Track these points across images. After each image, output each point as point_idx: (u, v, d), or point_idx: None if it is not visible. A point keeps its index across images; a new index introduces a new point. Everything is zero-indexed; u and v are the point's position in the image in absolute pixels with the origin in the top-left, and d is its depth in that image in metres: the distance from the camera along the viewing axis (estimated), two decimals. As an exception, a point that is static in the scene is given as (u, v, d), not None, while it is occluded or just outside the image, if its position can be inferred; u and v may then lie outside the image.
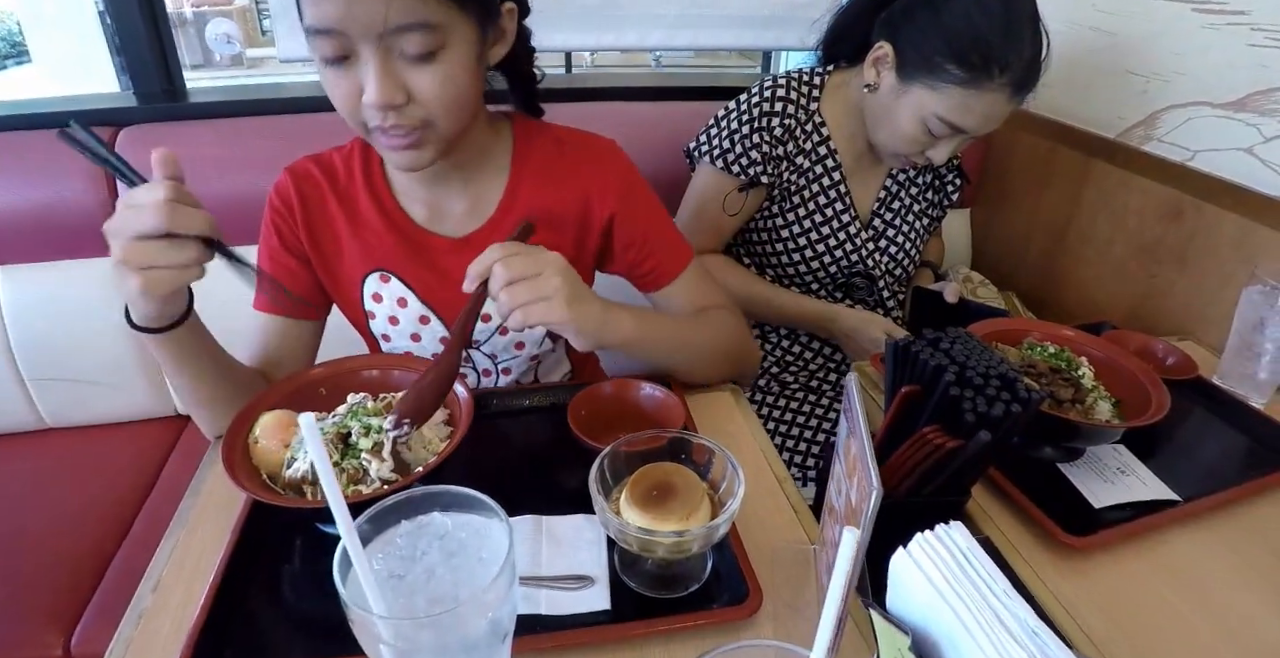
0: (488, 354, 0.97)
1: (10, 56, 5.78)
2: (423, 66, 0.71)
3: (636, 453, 0.68)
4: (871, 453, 0.54)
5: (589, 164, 0.90)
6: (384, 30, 0.67)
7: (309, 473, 0.64)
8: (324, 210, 0.90)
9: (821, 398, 1.27)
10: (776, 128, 1.19)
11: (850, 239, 1.26)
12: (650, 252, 0.92)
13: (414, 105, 0.72)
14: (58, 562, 1.18)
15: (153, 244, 0.60)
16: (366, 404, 0.71)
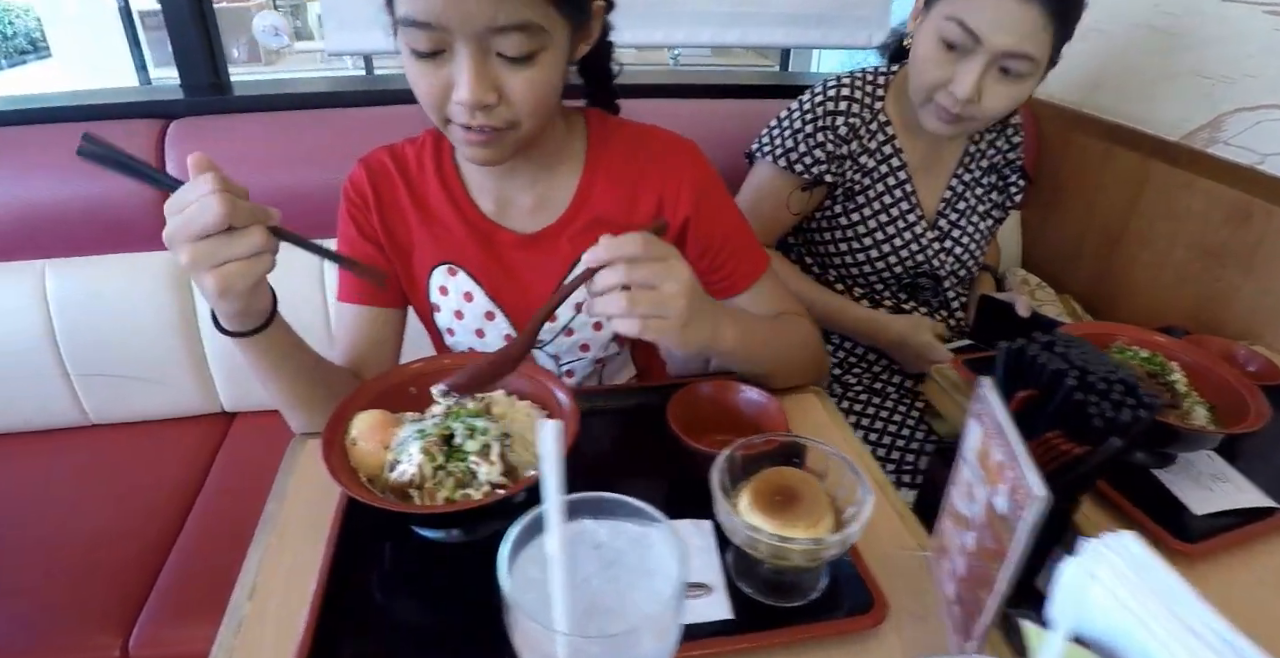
0: (551, 355, 0.96)
1: (30, 52, 5.79)
2: (519, 68, 0.69)
3: (751, 457, 0.65)
4: (1029, 459, 0.51)
5: (665, 165, 0.88)
6: (486, 29, 0.66)
7: (417, 477, 0.62)
8: (396, 202, 0.89)
9: (885, 400, 1.25)
10: (841, 127, 1.18)
11: (916, 239, 1.24)
12: (725, 258, 0.90)
13: (503, 106, 0.71)
14: (110, 561, 1.16)
15: (216, 240, 0.57)
16: (467, 404, 0.69)
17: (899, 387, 1.27)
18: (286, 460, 0.81)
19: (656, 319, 0.64)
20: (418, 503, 0.62)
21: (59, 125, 1.33)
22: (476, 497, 0.62)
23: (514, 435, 0.67)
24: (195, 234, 0.57)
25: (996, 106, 1.06)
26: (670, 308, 0.64)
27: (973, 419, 0.61)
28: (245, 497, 1.29)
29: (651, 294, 0.64)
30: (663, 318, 0.65)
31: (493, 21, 0.65)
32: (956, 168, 1.28)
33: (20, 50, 6.14)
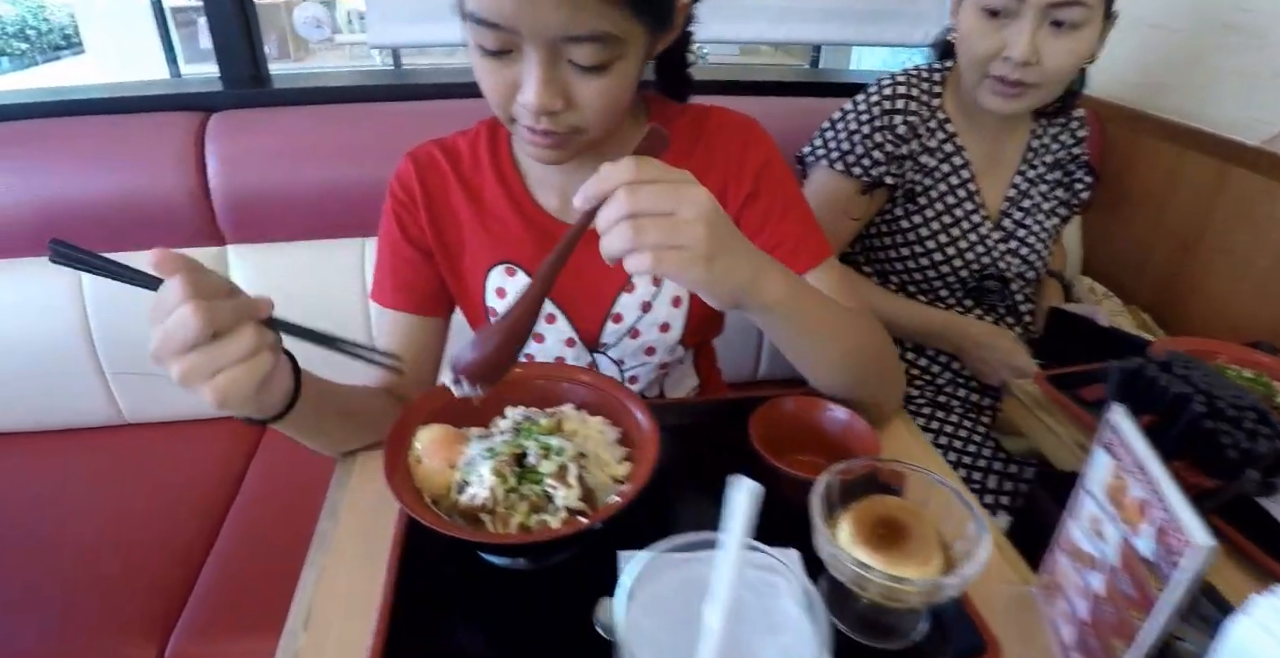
0: (614, 359, 0.91)
1: (64, 47, 5.84)
2: (590, 76, 0.65)
3: (846, 483, 0.60)
4: (1184, 501, 0.46)
5: (727, 144, 0.83)
6: (559, 37, 0.62)
7: (489, 501, 0.57)
8: (448, 199, 0.84)
9: (950, 414, 1.19)
10: (900, 126, 1.13)
11: (981, 241, 1.18)
12: (782, 239, 0.83)
13: (571, 112, 0.67)
14: (145, 567, 1.13)
15: (203, 350, 0.50)
16: (539, 420, 0.64)
17: (964, 401, 1.21)
18: (339, 474, 0.77)
19: (671, 251, 0.53)
20: (489, 528, 0.57)
21: (97, 117, 1.30)
22: (554, 523, 0.57)
23: (589, 455, 0.62)
24: (178, 349, 0.50)
25: (1061, 65, 1.02)
26: (686, 235, 0.53)
27: (1101, 449, 0.56)
28: (284, 501, 1.29)
29: (662, 221, 0.53)
30: (679, 248, 0.53)
31: (565, 31, 0.61)
32: (1020, 164, 1.22)
33: (55, 46, 6.20)
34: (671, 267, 0.53)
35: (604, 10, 0.60)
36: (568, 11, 0.59)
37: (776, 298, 0.62)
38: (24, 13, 6.15)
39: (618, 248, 0.53)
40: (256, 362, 0.52)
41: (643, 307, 0.86)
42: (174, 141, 1.25)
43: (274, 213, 1.29)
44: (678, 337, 0.88)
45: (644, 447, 0.62)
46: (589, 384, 0.70)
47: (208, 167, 1.25)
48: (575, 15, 0.60)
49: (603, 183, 0.53)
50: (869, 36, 1.65)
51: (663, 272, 0.54)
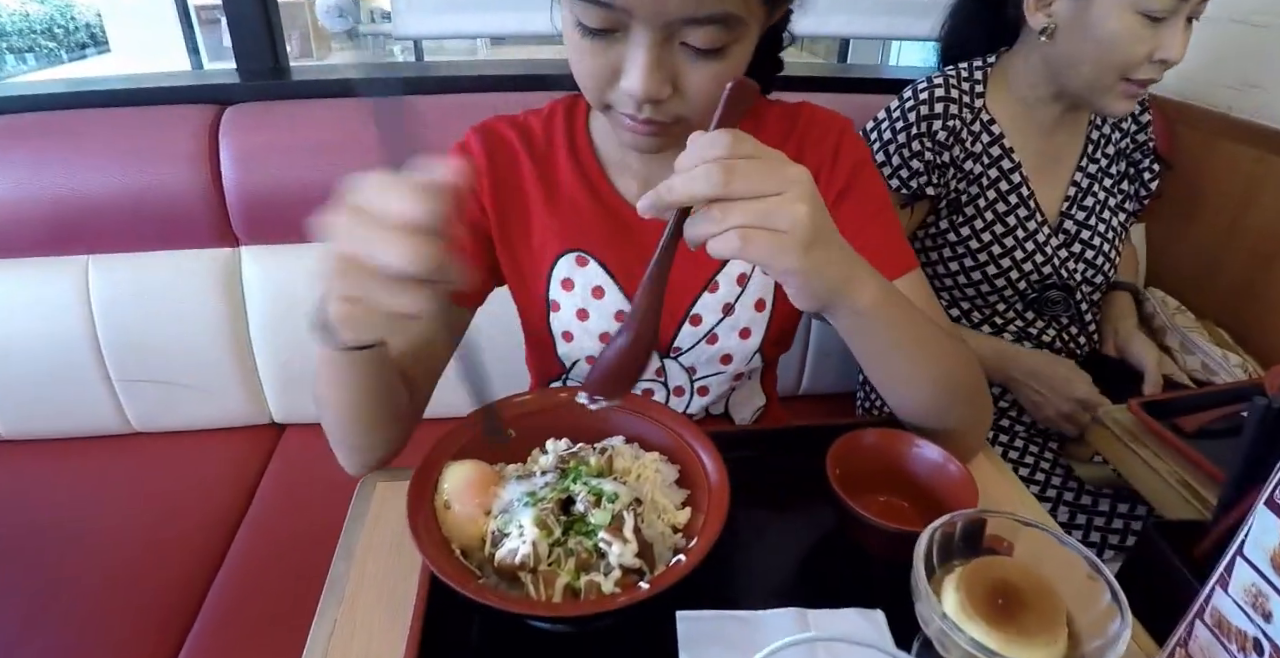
0: (686, 367, 0.82)
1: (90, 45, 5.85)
2: (705, 61, 0.58)
3: (947, 536, 0.51)
4: None
5: (821, 139, 0.76)
6: (679, 19, 0.54)
7: (531, 558, 0.48)
8: (517, 177, 0.77)
9: (1014, 439, 1.09)
10: (939, 132, 1.03)
11: (1040, 248, 1.09)
12: (864, 243, 0.74)
13: (676, 100, 0.60)
14: (152, 584, 1.06)
15: (384, 279, 0.41)
16: (588, 460, 0.55)
17: (1029, 426, 1.11)
18: (355, 507, 0.68)
19: (764, 232, 0.46)
20: (530, 590, 0.49)
21: (108, 110, 1.23)
22: (608, 586, 0.48)
23: (644, 501, 0.54)
24: (357, 252, 0.41)
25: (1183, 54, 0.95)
26: (786, 217, 0.46)
27: (1267, 509, 0.46)
28: (295, 518, 1.21)
29: (761, 204, 0.46)
30: (778, 232, 0.46)
31: (689, 12, 0.53)
32: (1080, 160, 1.12)
33: (81, 44, 6.22)
34: (763, 250, 0.46)
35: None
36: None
37: (871, 302, 0.55)
38: (52, 11, 6.17)
39: (704, 230, 0.47)
40: (408, 323, 0.43)
41: (724, 309, 0.78)
42: (186, 136, 1.17)
43: (291, 212, 1.21)
44: (757, 344, 0.80)
45: (713, 498, 0.53)
46: (646, 415, 0.61)
47: (221, 163, 1.18)
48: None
49: (693, 155, 0.46)
50: (899, 30, 1.56)
51: (752, 255, 0.46)
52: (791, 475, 0.68)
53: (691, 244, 0.47)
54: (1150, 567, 0.63)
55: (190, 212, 1.20)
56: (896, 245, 0.75)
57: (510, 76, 1.32)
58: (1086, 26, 0.94)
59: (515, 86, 1.29)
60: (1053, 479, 1.05)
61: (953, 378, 0.66)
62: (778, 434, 0.76)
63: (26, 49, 5.42)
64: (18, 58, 5.23)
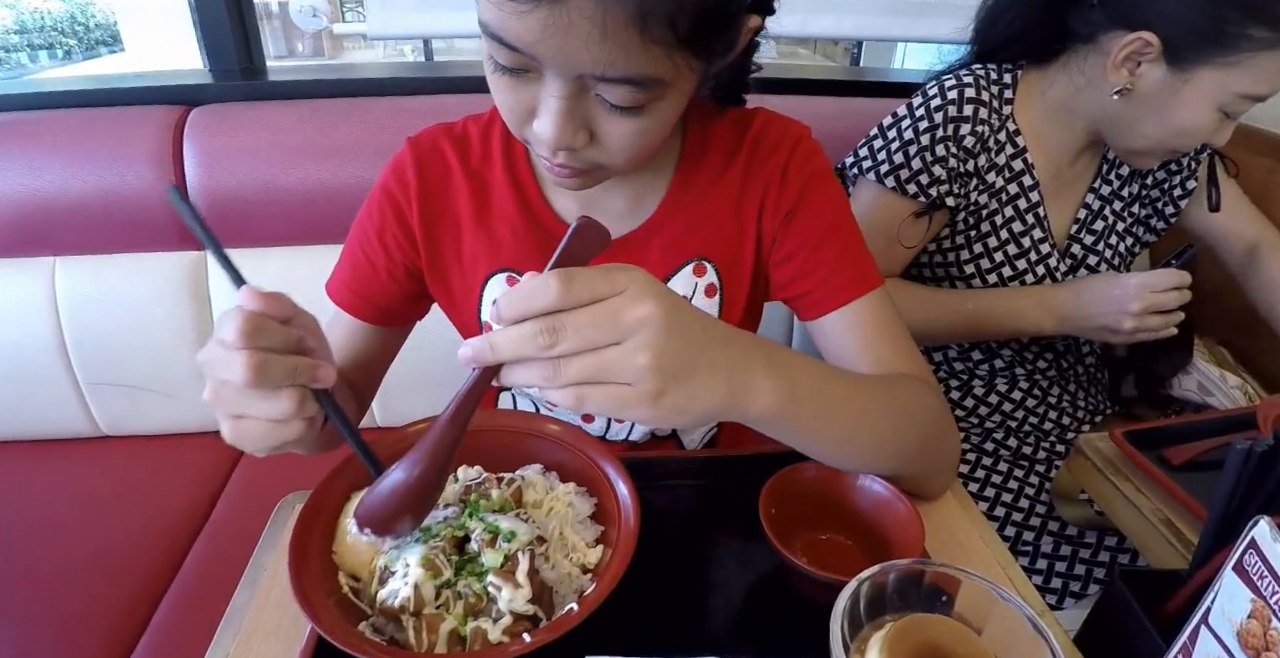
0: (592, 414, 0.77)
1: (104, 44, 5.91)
2: (621, 116, 0.53)
3: (882, 589, 0.47)
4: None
5: (772, 152, 0.70)
6: (589, 74, 0.50)
7: (412, 601, 0.44)
8: (448, 193, 0.72)
9: (998, 463, 1.04)
10: (967, 137, 0.95)
11: (1050, 273, 1.02)
12: (821, 261, 0.69)
13: (593, 148, 0.56)
14: (107, 591, 1.04)
15: (239, 390, 0.46)
16: (490, 493, 0.51)
17: (1014, 451, 1.05)
18: (269, 532, 0.65)
19: (603, 387, 0.42)
20: (410, 636, 0.45)
21: (77, 111, 1.21)
22: (494, 634, 0.44)
23: (549, 539, 0.49)
24: (218, 378, 0.46)
25: None
26: (623, 370, 0.41)
27: (1234, 575, 0.41)
28: (256, 524, 1.16)
29: (596, 358, 0.41)
30: (618, 385, 0.42)
31: (596, 69, 0.49)
32: (1094, 181, 1.05)
33: (97, 42, 6.28)
34: (605, 405, 0.42)
35: (651, 51, 0.48)
36: (604, 51, 0.47)
37: (768, 410, 0.48)
38: (73, 9, 6.24)
39: (534, 382, 0.42)
40: (284, 428, 0.48)
41: None
42: (150, 138, 1.14)
43: (257, 216, 1.19)
44: None
45: (621, 534, 0.49)
46: (560, 440, 0.57)
47: (185, 165, 1.15)
48: (611, 55, 0.47)
49: (515, 306, 0.41)
50: (917, 32, 1.50)
51: (594, 410, 0.43)
52: (729, 508, 0.63)
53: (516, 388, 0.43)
54: (1114, 621, 0.58)
55: (155, 214, 1.17)
56: (854, 264, 0.69)
57: (477, 78, 1.28)
58: (1166, 105, 0.89)
59: (483, 88, 1.26)
60: (1037, 507, 1.00)
61: (903, 442, 0.60)
62: (719, 462, 0.71)
63: (44, 46, 5.48)
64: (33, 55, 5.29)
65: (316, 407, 0.48)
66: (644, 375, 0.41)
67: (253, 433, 0.48)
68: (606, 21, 0.45)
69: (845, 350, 0.68)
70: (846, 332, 0.68)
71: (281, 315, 0.48)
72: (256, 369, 0.44)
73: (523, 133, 0.58)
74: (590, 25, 0.46)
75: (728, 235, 0.72)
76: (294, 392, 0.46)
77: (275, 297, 0.47)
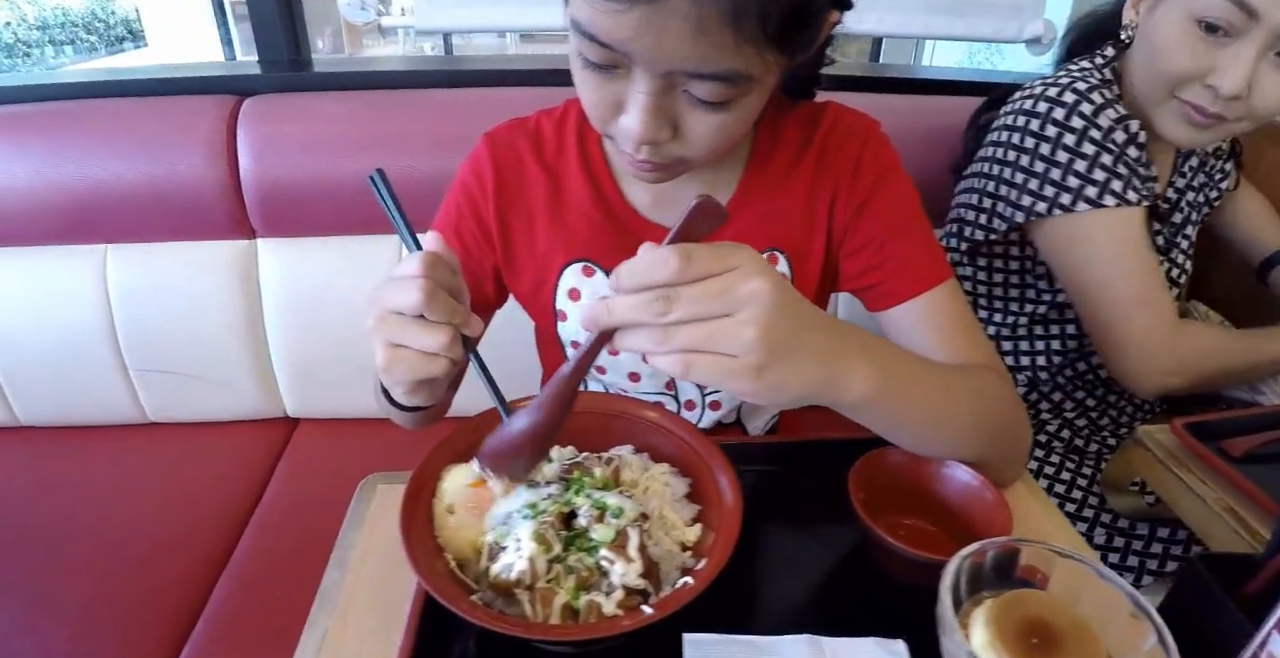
0: (695, 382, 0.79)
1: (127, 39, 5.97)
2: (707, 111, 0.55)
3: (977, 565, 0.48)
4: None
5: (843, 145, 0.72)
6: (679, 71, 0.51)
7: (527, 574, 0.45)
8: (523, 187, 0.74)
9: (1050, 455, 1.04)
10: (1140, 134, 0.89)
11: (1167, 271, 0.99)
12: (890, 253, 0.71)
13: (677, 143, 0.58)
14: (160, 577, 1.06)
15: (403, 320, 0.50)
16: (594, 471, 0.52)
17: (1067, 443, 1.05)
18: (353, 511, 0.66)
19: (709, 357, 0.43)
20: (527, 609, 0.46)
21: (129, 100, 1.22)
22: (609, 607, 0.45)
23: (651, 516, 0.51)
24: (388, 307, 0.50)
25: (1272, 104, 0.82)
26: (730, 340, 0.42)
27: None
28: (305, 513, 1.18)
29: (708, 328, 0.42)
30: (720, 355, 0.43)
31: (690, 67, 0.50)
32: (1171, 174, 1.02)
33: (119, 38, 6.34)
34: (709, 375, 0.43)
35: (741, 48, 0.49)
36: (697, 48, 0.49)
37: (861, 396, 0.50)
38: (93, 5, 6.31)
39: (642, 346, 0.44)
40: (433, 362, 0.51)
41: None
42: (204, 126, 1.16)
43: (308, 206, 1.20)
44: None
45: (725, 517, 0.50)
46: (656, 424, 0.58)
47: (239, 154, 1.17)
48: (704, 53, 0.49)
49: (635, 275, 0.43)
50: (958, 31, 1.50)
51: (697, 379, 0.44)
52: (809, 492, 0.64)
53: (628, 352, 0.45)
54: (1194, 603, 0.58)
55: (207, 203, 1.19)
56: (924, 257, 0.71)
57: (540, 71, 1.30)
58: (1150, 29, 0.86)
59: (545, 81, 1.27)
60: (1089, 500, 1.00)
61: (979, 430, 0.61)
62: (796, 447, 0.73)
63: (67, 41, 5.53)
64: (57, 49, 5.33)
65: (462, 351, 0.51)
66: (750, 348, 0.42)
67: (405, 361, 0.51)
68: (702, 19, 0.47)
69: (918, 342, 0.69)
70: (919, 323, 0.69)
71: (452, 266, 0.51)
72: (430, 294, 0.47)
73: (607, 128, 0.59)
74: (685, 23, 0.47)
75: (799, 227, 0.73)
76: (450, 328, 0.49)
77: (449, 251, 0.51)
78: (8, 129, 1.18)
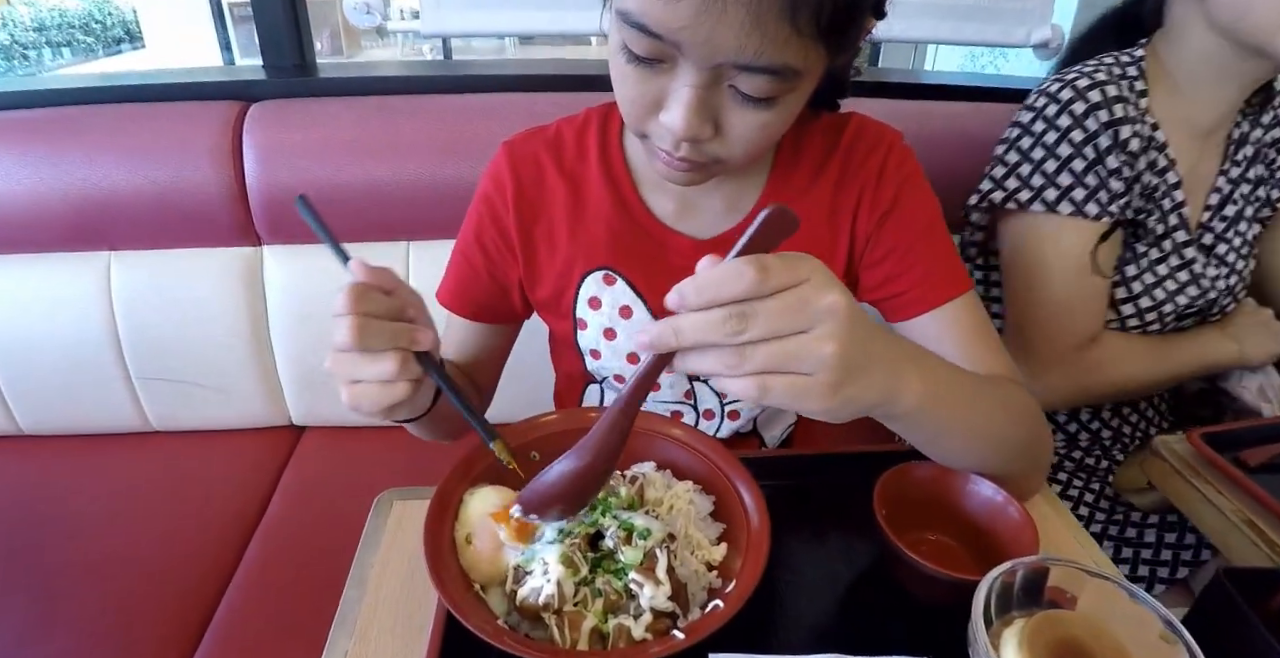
0: (717, 391, 0.79)
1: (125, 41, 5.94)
2: (752, 108, 0.54)
3: (1007, 585, 0.47)
4: None
5: (868, 155, 0.72)
6: (728, 63, 0.50)
7: (556, 598, 0.45)
8: (543, 194, 0.74)
9: (1058, 472, 1.04)
10: (1132, 141, 0.86)
11: (1191, 275, 0.94)
12: (914, 262, 0.71)
13: (717, 142, 0.57)
14: (167, 589, 1.05)
15: (350, 357, 0.51)
16: (619, 491, 0.52)
17: (1078, 462, 1.04)
18: (370, 528, 0.65)
19: (786, 377, 0.41)
20: (554, 633, 0.45)
21: (134, 105, 1.21)
22: (638, 631, 0.45)
23: (677, 535, 0.50)
24: (333, 347, 0.51)
25: None
26: (809, 360, 0.41)
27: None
28: (312, 522, 1.17)
29: (786, 345, 0.40)
30: (797, 374, 0.41)
31: (742, 59, 0.50)
32: (1223, 163, 0.96)
33: (117, 40, 6.32)
34: (785, 397, 0.42)
35: (794, 41, 0.49)
36: (751, 38, 0.48)
37: (914, 406, 0.49)
38: (90, 6, 6.28)
39: (712, 370, 0.41)
40: (391, 389, 0.52)
41: None
42: (210, 132, 1.15)
43: (318, 211, 1.19)
44: None
45: (752, 539, 0.50)
46: (678, 440, 0.58)
47: (245, 160, 1.16)
48: (758, 44, 0.48)
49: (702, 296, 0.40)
50: (967, 35, 1.50)
51: (773, 402, 0.42)
52: (830, 507, 0.64)
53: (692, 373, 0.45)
54: (1218, 619, 0.58)
55: (213, 209, 1.18)
56: (945, 267, 0.71)
57: (548, 76, 1.29)
58: None
59: (545, 87, 1.26)
60: (1097, 513, 1.00)
61: (1008, 440, 0.61)
62: (815, 461, 0.72)
63: (64, 43, 5.50)
64: (54, 52, 5.31)
65: (420, 370, 0.52)
66: (828, 365, 0.41)
67: (366, 395, 0.52)
68: (760, 9, 0.47)
69: (940, 352, 0.69)
70: (941, 334, 0.69)
71: (386, 286, 0.52)
72: (359, 331, 0.49)
73: (644, 125, 0.58)
74: (744, 12, 0.47)
75: (821, 237, 0.72)
76: (396, 354, 0.51)
77: (380, 269, 0.52)
78: (11, 134, 1.17)
